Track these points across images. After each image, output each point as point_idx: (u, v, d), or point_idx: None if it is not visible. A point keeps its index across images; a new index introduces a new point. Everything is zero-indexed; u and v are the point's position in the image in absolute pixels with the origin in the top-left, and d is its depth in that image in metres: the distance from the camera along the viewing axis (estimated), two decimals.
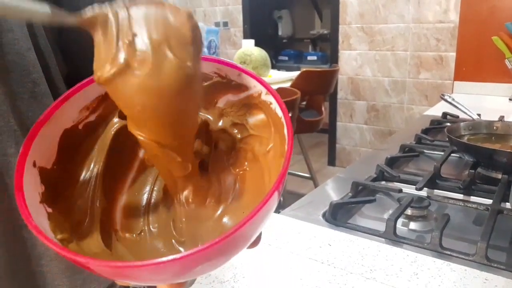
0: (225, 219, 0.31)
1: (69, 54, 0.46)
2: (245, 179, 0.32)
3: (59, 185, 0.29)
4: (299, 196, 0.77)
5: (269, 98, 0.30)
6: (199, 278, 0.53)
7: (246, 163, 0.32)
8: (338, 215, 0.68)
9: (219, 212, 0.31)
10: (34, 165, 0.27)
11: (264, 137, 0.31)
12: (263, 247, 0.60)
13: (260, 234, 0.30)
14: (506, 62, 1.95)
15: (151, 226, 0.32)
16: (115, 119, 0.33)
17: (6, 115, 0.38)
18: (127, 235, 0.31)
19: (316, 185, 2.61)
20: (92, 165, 0.31)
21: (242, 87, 0.31)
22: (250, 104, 0.31)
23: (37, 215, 0.25)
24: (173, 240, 0.30)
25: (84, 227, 0.29)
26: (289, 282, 0.52)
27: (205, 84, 0.32)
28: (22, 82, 0.39)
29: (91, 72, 0.48)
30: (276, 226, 0.65)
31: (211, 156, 0.33)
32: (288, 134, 0.27)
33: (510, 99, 1.84)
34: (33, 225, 0.24)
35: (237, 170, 0.33)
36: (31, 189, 0.26)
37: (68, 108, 0.30)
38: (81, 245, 0.28)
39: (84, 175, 0.31)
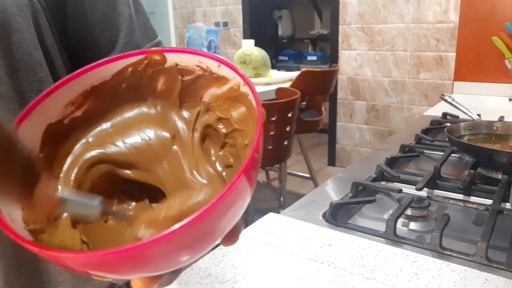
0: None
1: (74, 54, 0.47)
2: (229, 176, 0.32)
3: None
4: (299, 196, 0.77)
5: (246, 89, 0.29)
6: (198, 278, 0.53)
7: (231, 159, 0.32)
8: (338, 215, 0.68)
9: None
10: None
11: (245, 130, 0.30)
12: (263, 247, 0.60)
13: (238, 230, 0.29)
14: (506, 62, 1.95)
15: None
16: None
17: (15, 113, 0.38)
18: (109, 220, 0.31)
19: (316, 185, 2.61)
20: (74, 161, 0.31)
21: (224, 79, 0.31)
22: (232, 97, 0.31)
23: (9, 207, 0.25)
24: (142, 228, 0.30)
25: (60, 219, 0.29)
26: (289, 282, 0.52)
27: (189, 78, 0.32)
28: (29, 81, 0.39)
29: None
30: (276, 226, 0.65)
31: (197, 153, 0.32)
32: (258, 124, 0.26)
33: (510, 99, 1.84)
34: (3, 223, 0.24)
35: (224, 166, 0.32)
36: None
37: (51, 102, 0.30)
38: (54, 237, 0.27)
39: (65, 169, 0.31)
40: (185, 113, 0.33)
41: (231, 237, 0.28)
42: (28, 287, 0.43)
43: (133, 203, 0.32)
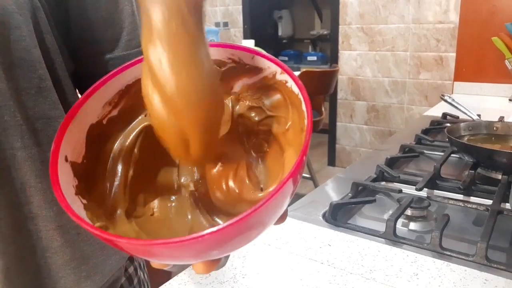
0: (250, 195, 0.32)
1: (77, 51, 0.47)
2: (266, 160, 0.33)
3: (90, 177, 0.30)
4: (299, 196, 0.77)
5: (285, 77, 0.30)
6: (198, 278, 0.53)
7: (266, 145, 0.33)
8: (338, 216, 0.68)
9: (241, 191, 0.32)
10: (66, 160, 0.28)
11: (281, 116, 0.31)
12: (263, 247, 0.60)
13: (286, 210, 0.30)
14: (506, 62, 1.95)
15: (174, 205, 0.33)
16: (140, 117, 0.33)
17: (13, 110, 0.39)
18: (155, 213, 0.32)
19: (316, 186, 2.61)
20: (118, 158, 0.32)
21: (256, 70, 0.31)
22: (266, 86, 0.31)
23: (75, 206, 0.27)
24: (201, 217, 0.32)
25: (116, 215, 0.30)
26: (289, 283, 0.52)
27: (223, 69, 0.32)
28: (28, 78, 0.39)
29: (99, 69, 0.49)
30: (276, 226, 0.65)
31: (230, 142, 0.33)
32: (307, 109, 0.27)
33: (510, 100, 1.84)
34: (75, 214, 0.25)
35: (258, 153, 0.33)
36: (66, 182, 0.27)
37: (91, 104, 0.31)
38: (117, 231, 0.29)
39: (110, 166, 0.32)
40: None
41: (283, 216, 0.30)
42: (29, 283, 0.44)
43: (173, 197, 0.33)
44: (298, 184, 0.27)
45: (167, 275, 0.81)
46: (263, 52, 0.31)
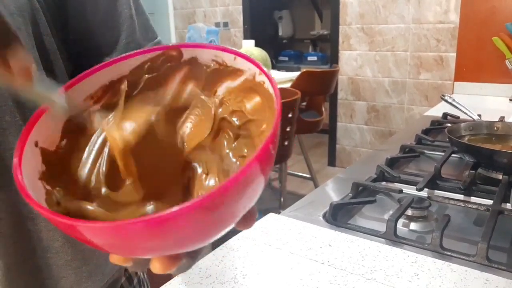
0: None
1: (75, 53, 0.47)
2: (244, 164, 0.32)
3: (61, 165, 0.30)
4: (299, 196, 0.77)
5: (262, 78, 0.30)
6: (198, 279, 0.52)
7: (245, 149, 0.32)
8: (339, 216, 0.68)
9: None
10: (36, 145, 0.28)
11: (260, 119, 0.31)
12: (263, 247, 0.60)
13: (253, 214, 0.29)
14: (507, 62, 1.95)
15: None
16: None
17: (13, 111, 0.39)
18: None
19: (316, 186, 2.61)
20: (93, 150, 0.32)
21: (238, 72, 0.31)
22: (247, 88, 0.31)
23: (34, 190, 0.26)
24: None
25: (83, 203, 0.30)
26: (289, 283, 0.51)
27: (209, 70, 0.32)
28: None
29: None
30: (276, 226, 0.65)
31: (211, 144, 0.33)
32: (277, 106, 0.27)
33: (510, 100, 1.84)
34: (26, 194, 0.24)
35: (237, 157, 0.33)
36: (31, 166, 0.27)
37: (72, 96, 0.30)
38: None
39: (85, 158, 0.32)
40: None
41: (247, 220, 0.29)
42: (30, 283, 0.44)
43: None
44: (260, 182, 0.25)
45: (167, 275, 0.80)
46: (243, 53, 0.31)
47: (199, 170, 0.33)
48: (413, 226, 0.66)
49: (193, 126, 0.34)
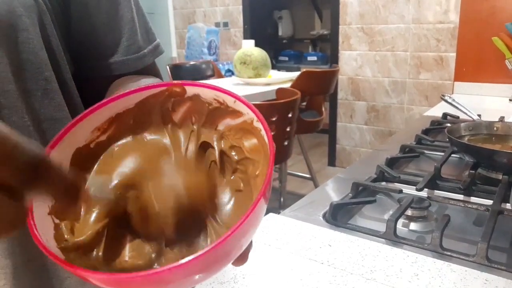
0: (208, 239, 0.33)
1: (78, 55, 0.48)
2: (238, 199, 0.34)
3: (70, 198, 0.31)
4: (299, 196, 0.77)
5: (259, 125, 0.32)
6: None
7: (241, 184, 0.34)
8: (338, 216, 0.68)
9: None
10: None
11: (256, 160, 0.33)
12: (263, 247, 0.60)
13: (247, 251, 0.31)
14: (506, 62, 1.95)
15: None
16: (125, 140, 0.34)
17: (21, 111, 0.40)
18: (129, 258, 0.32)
19: (316, 186, 2.62)
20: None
21: (238, 113, 0.33)
22: (245, 129, 0.33)
23: (43, 224, 0.28)
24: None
25: (88, 241, 0.31)
26: (289, 283, 0.52)
27: (211, 107, 0.34)
28: (35, 80, 0.40)
29: (98, 73, 0.50)
30: (276, 226, 0.65)
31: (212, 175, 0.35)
32: (270, 161, 0.29)
33: (510, 100, 1.84)
34: (34, 234, 0.26)
35: (234, 190, 0.34)
36: (41, 201, 0.28)
37: (80, 129, 0.32)
38: (83, 258, 0.30)
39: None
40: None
41: (241, 258, 0.31)
42: (36, 282, 0.44)
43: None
44: (255, 228, 0.28)
45: None
46: (244, 99, 0.32)
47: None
48: (413, 226, 0.66)
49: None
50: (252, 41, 2.63)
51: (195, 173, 0.34)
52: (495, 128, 0.95)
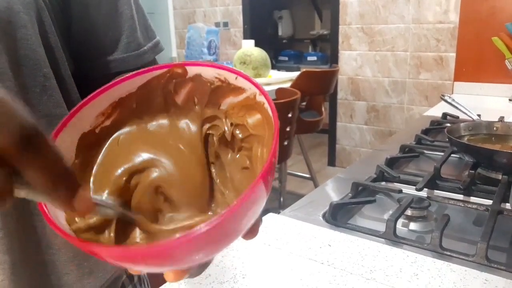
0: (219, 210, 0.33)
1: (78, 53, 0.48)
2: (244, 176, 0.34)
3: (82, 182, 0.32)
4: (299, 196, 0.77)
5: (262, 99, 0.32)
6: (198, 279, 0.53)
7: (247, 161, 0.34)
8: (338, 216, 0.68)
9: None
10: None
11: (260, 136, 0.33)
12: (262, 247, 0.60)
13: (257, 225, 0.31)
14: (506, 62, 1.95)
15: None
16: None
17: None
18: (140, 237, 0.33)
19: (316, 186, 2.61)
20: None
21: (240, 90, 0.33)
22: (248, 105, 0.33)
23: (54, 209, 0.28)
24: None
25: (99, 223, 0.31)
26: (289, 283, 0.52)
27: (213, 86, 0.34)
28: (33, 76, 0.40)
29: (98, 71, 0.50)
30: (276, 226, 0.65)
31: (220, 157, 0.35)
32: (274, 130, 0.29)
33: (510, 100, 1.84)
34: (47, 216, 0.26)
35: (240, 168, 0.35)
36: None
37: (85, 114, 0.32)
38: (95, 239, 0.30)
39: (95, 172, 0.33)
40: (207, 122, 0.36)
41: (252, 231, 0.30)
42: (34, 278, 0.45)
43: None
44: (260, 202, 0.28)
45: None
46: (245, 74, 0.33)
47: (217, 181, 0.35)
48: (412, 226, 0.66)
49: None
50: (252, 41, 2.63)
51: (201, 155, 0.34)
52: (495, 128, 0.95)
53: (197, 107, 0.35)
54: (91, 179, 0.32)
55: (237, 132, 0.34)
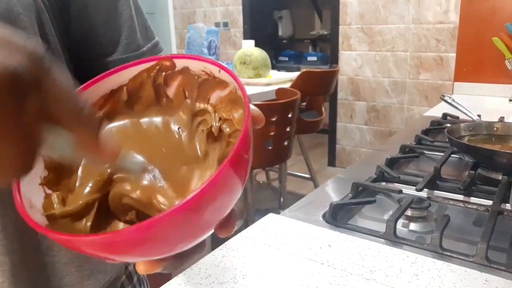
0: None
1: (76, 54, 0.48)
2: None
3: (64, 171, 0.32)
4: (299, 196, 0.77)
5: (240, 92, 0.32)
6: (198, 279, 0.53)
7: None
8: (338, 216, 0.68)
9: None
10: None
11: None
12: (263, 247, 0.60)
13: (232, 219, 0.30)
14: (506, 63, 1.95)
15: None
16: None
17: None
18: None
19: (316, 186, 2.62)
20: None
21: (224, 83, 0.33)
22: (232, 100, 0.33)
23: (32, 194, 0.28)
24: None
25: (76, 211, 0.31)
26: (289, 283, 0.52)
27: (200, 79, 0.34)
28: None
29: (97, 72, 0.50)
30: (276, 227, 0.65)
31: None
32: (245, 117, 0.28)
33: (510, 100, 1.84)
34: (18, 203, 0.26)
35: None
36: (32, 172, 0.28)
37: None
38: (69, 226, 0.30)
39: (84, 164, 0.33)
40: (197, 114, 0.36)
41: (226, 226, 0.29)
42: (35, 280, 0.44)
43: None
44: (231, 191, 0.27)
45: (167, 274, 0.80)
46: (226, 66, 0.33)
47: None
48: (412, 226, 0.66)
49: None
50: (252, 41, 2.63)
51: (192, 148, 0.34)
52: (495, 129, 0.95)
53: (188, 100, 0.35)
54: (80, 168, 0.32)
55: (224, 126, 0.34)
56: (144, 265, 0.28)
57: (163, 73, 0.35)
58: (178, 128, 0.35)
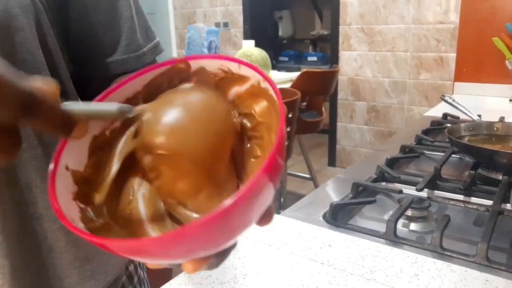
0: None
1: (77, 55, 0.47)
2: (257, 164, 0.34)
3: (93, 184, 0.32)
4: (299, 196, 0.77)
5: (266, 85, 0.32)
6: (198, 279, 0.53)
7: (258, 150, 0.34)
8: (338, 216, 0.68)
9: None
10: (67, 168, 0.30)
11: (268, 122, 0.33)
12: (263, 247, 0.60)
13: (271, 211, 0.31)
14: (507, 63, 1.95)
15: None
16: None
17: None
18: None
19: (316, 186, 2.61)
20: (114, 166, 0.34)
21: (244, 78, 0.33)
22: (254, 93, 0.33)
23: (69, 210, 0.28)
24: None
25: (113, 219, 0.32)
26: (289, 283, 0.52)
27: (217, 78, 0.34)
28: None
29: (98, 72, 0.50)
30: (276, 226, 0.65)
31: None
32: (280, 113, 0.29)
33: (510, 100, 1.84)
34: (63, 217, 0.27)
35: (252, 157, 0.35)
36: (64, 189, 0.29)
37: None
38: (109, 234, 0.31)
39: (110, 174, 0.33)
40: None
41: (265, 218, 0.30)
42: (35, 282, 0.44)
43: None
44: (270, 188, 0.27)
45: (167, 274, 0.81)
46: (246, 62, 0.33)
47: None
48: (413, 226, 0.66)
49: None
50: (252, 41, 2.63)
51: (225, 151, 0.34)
52: (495, 129, 0.95)
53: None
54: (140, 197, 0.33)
55: (245, 121, 0.34)
56: (192, 264, 0.28)
57: (178, 77, 0.34)
58: None
